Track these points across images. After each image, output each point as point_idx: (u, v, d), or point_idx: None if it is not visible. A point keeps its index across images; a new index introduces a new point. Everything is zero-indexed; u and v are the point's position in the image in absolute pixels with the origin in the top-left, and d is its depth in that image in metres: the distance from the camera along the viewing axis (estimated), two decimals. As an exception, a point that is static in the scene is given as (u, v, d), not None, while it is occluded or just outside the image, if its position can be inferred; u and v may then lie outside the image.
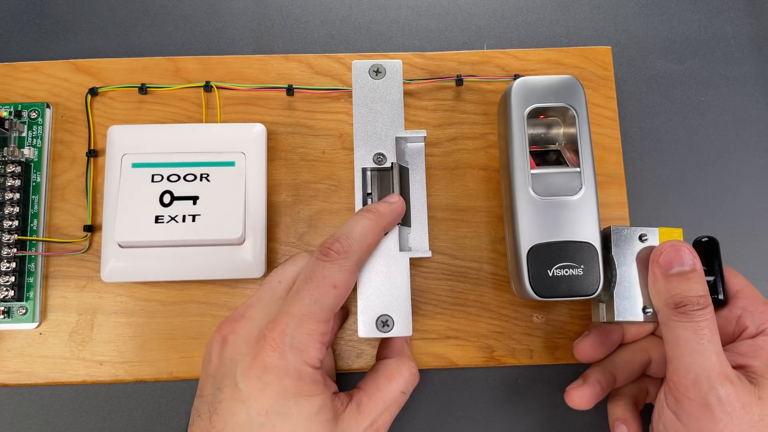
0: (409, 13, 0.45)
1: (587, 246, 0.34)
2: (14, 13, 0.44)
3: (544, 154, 0.38)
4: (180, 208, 0.36)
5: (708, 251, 0.34)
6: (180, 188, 0.37)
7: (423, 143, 0.38)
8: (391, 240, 0.35)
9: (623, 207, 0.41)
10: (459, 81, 0.42)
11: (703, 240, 0.35)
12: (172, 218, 0.36)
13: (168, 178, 0.37)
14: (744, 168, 0.43)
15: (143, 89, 0.41)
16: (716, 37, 0.45)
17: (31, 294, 0.38)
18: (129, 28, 0.44)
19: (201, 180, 0.37)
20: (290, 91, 0.41)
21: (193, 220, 0.36)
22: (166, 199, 0.36)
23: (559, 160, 0.38)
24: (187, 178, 0.37)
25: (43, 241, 0.39)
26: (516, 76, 0.42)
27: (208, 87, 0.41)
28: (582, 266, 0.34)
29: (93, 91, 0.41)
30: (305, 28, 0.45)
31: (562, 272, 0.34)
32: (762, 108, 0.44)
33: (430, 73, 0.42)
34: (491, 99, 0.42)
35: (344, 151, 0.41)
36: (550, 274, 0.34)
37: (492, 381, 0.40)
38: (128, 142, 0.38)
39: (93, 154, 0.40)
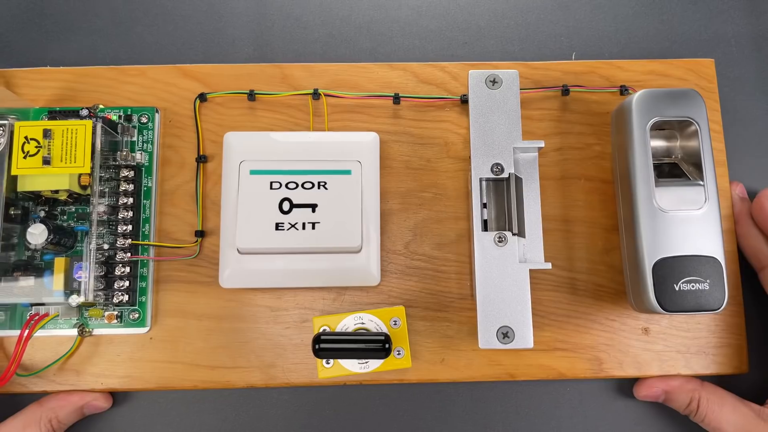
0: (409, 12, 0.45)
1: (712, 261, 0.34)
2: (14, 13, 0.45)
3: (657, 167, 0.38)
4: (299, 215, 0.36)
5: None
6: (298, 196, 0.37)
7: (536, 153, 0.38)
8: (511, 252, 0.35)
9: (728, 219, 0.41)
10: (565, 91, 0.41)
11: None
12: (292, 225, 0.36)
13: (286, 186, 0.37)
14: (744, 168, 0.43)
15: (252, 96, 0.41)
16: (716, 37, 0.45)
17: (144, 299, 0.38)
18: (129, 28, 0.44)
19: (319, 188, 0.37)
20: (397, 99, 0.41)
21: (313, 227, 0.36)
22: (285, 206, 0.36)
23: (673, 173, 0.38)
24: (305, 185, 0.37)
25: (155, 245, 0.39)
26: (622, 87, 0.41)
27: (316, 94, 0.41)
28: (708, 281, 0.34)
29: (202, 97, 0.41)
30: (305, 27, 0.45)
31: (689, 286, 0.34)
32: (762, 108, 0.44)
33: (533, 82, 0.42)
34: (595, 109, 0.42)
35: (449, 159, 0.41)
36: (677, 288, 0.34)
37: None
38: (244, 149, 0.38)
39: (203, 159, 0.40)
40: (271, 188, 0.37)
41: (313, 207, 0.36)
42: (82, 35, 0.44)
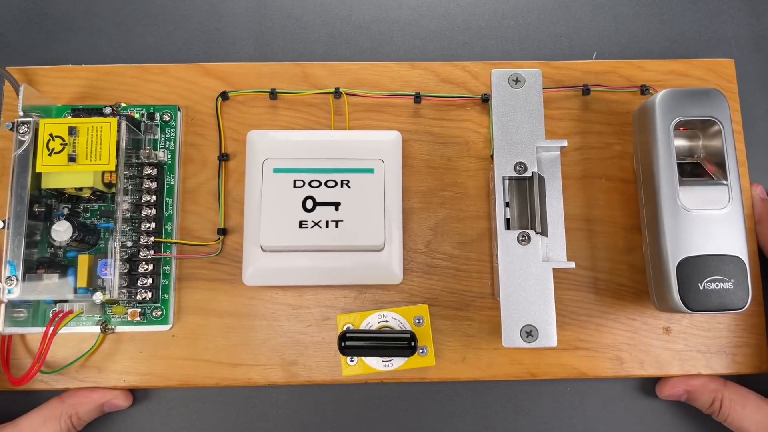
0: (409, 12, 0.45)
1: (736, 260, 0.34)
2: (15, 13, 0.45)
3: (679, 166, 0.38)
4: (323, 213, 0.36)
5: None
6: (322, 194, 0.37)
7: (559, 153, 0.38)
8: (534, 250, 0.35)
9: (750, 219, 0.41)
10: (586, 90, 0.42)
11: None
12: (316, 224, 0.36)
13: (309, 184, 0.37)
14: (756, 168, 0.42)
15: (273, 94, 0.41)
16: (716, 37, 0.45)
17: (167, 296, 0.38)
18: (129, 28, 0.45)
19: (342, 186, 0.37)
20: (418, 98, 0.41)
21: (336, 226, 0.36)
22: (309, 204, 0.37)
23: (695, 173, 0.38)
24: (328, 184, 0.37)
25: (178, 243, 0.39)
26: (643, 87, 0.42)
27: (337, 93, 0.41)
28: (732, 280, 0.34)
29: (224, 95, 0.41)
30: (306, 27, 0.45)
31: (713, 286, 0.34)
32: (763, 108, 0.44)
33: (554, 82, 0.42)
34: (616, 109, 0.42)
35: (470, 158, 0.41)
36: (701, 288, 0.34)
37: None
38: (268, 147, 0.38)
39: (225, 157, 0.40)
40: (294, 186, 0.37)
41: (337, 205, 0.37)
42: (82, 35, 0.44)
